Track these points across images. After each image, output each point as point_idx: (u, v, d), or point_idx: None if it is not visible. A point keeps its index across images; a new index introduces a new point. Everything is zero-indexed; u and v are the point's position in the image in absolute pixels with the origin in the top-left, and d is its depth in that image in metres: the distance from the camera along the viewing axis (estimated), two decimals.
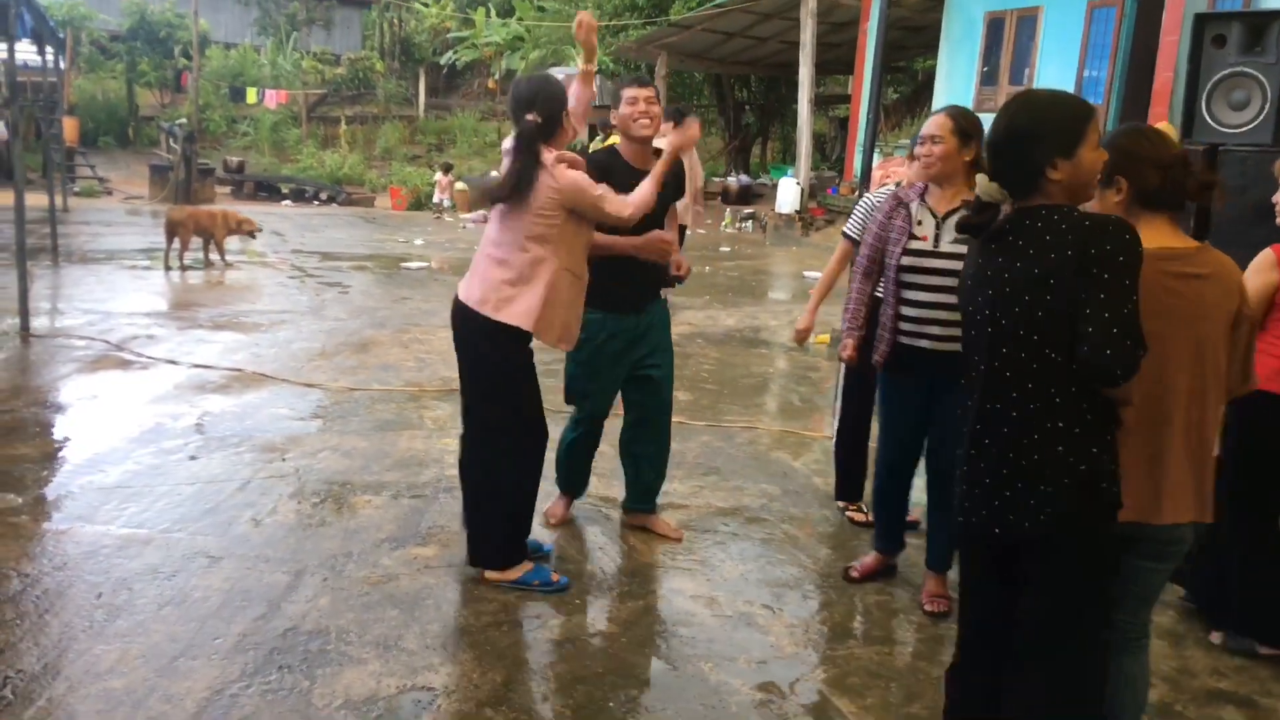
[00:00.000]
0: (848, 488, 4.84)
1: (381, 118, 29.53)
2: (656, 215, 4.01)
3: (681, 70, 24.33)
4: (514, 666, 3.33)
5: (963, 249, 3.38)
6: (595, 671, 3.32)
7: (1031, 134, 2.26)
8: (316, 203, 21.95)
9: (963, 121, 3.61)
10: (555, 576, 3.90)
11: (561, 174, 3.61)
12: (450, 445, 5.50)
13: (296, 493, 4.71)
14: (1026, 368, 2.26)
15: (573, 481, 4.56)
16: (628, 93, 4.09)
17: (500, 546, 3.87)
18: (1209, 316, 2.39)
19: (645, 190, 3.78)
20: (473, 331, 3.75)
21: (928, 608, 3.86)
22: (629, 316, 4.18)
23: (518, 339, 3.71)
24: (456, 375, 3.94)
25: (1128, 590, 2.52)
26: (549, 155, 3.65)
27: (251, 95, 27.13)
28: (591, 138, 14.56)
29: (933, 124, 3.65)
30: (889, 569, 4.16)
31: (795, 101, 19.39)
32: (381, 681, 3.17)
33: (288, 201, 21.82)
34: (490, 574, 3.87)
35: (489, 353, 3.75)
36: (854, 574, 4.13)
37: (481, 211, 19.32)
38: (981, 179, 2.32)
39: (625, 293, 4.12)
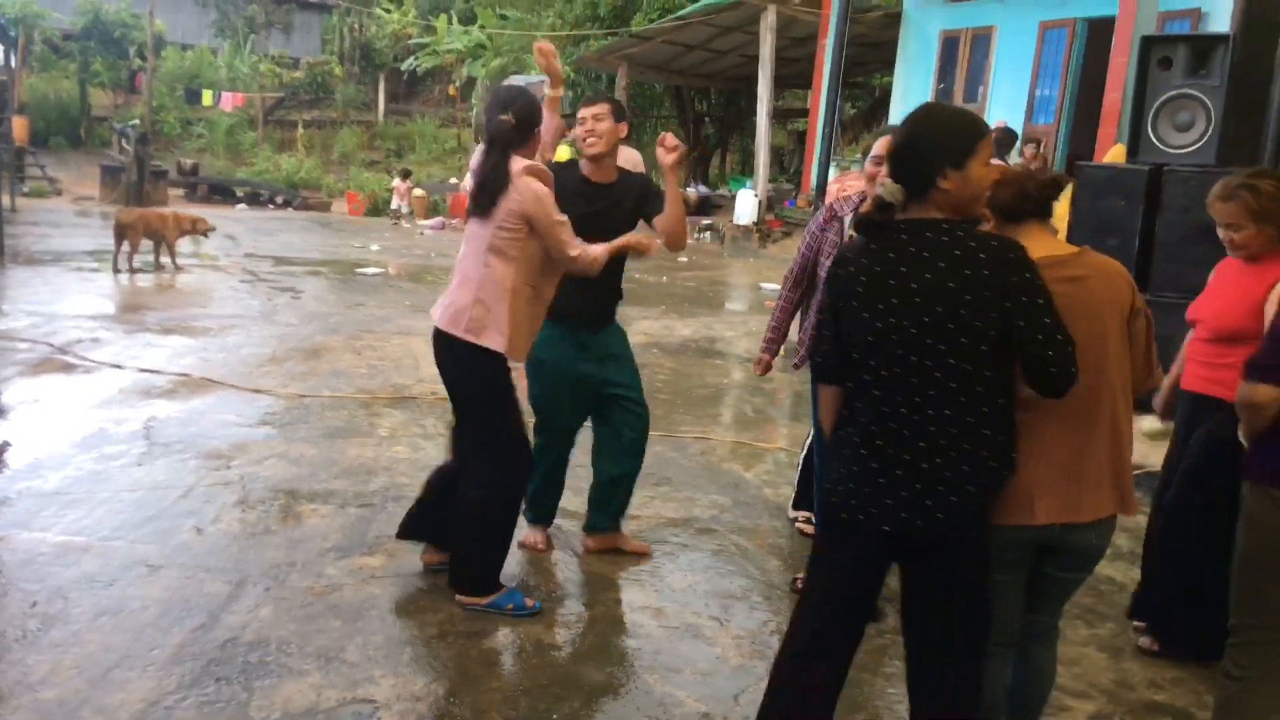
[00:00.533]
0: (808, 498, 4.86)
1: (340, 122, 29.32)
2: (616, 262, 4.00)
3: (642, 81, 24.38)
4: (457, 678, 3.30)
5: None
6: (540, 683, 3.30)
7: (928, 142, 2.40)
8: (272, 207, 21.73)
9: None
10: (529, 601, 3.79)
11: (526, 185, 3.57)
12: (402, 453, 5.47)
13: (241, 501, 4.64)
14: (932, 375, 2.34)
15: (550, 507, 4.46)
16: (579, 112, 4.10)
17: (478, 571, 3.78)
18: (1098, 315, 2.47)
19: (598, 252, 3.69)
20: (451, 356, 3.71)
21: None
22: (583, 333, 4.17)
23: (495, 360, 3.66)
24: (409, 382, 3.89)
25: (1050, 594, 2.66)
26: (518, 164, 3.60)
27: (207, 97, 26.79)
28: None
29: (886, 144, 3.59)
30: None
31: (754, 114, 19.51)
32: (322, 694, 3.13)
33: (242, 205, 21.58)
34: (463, 598, 3.77)
35: (468, 377, 3.71)
36: (801, 585, 4.14)
37: (440, 218, 19.23)
38: (886, 181, 2.45)
39: (577, 306, 4.08)
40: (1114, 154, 10.48)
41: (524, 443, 3.84)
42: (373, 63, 32.16)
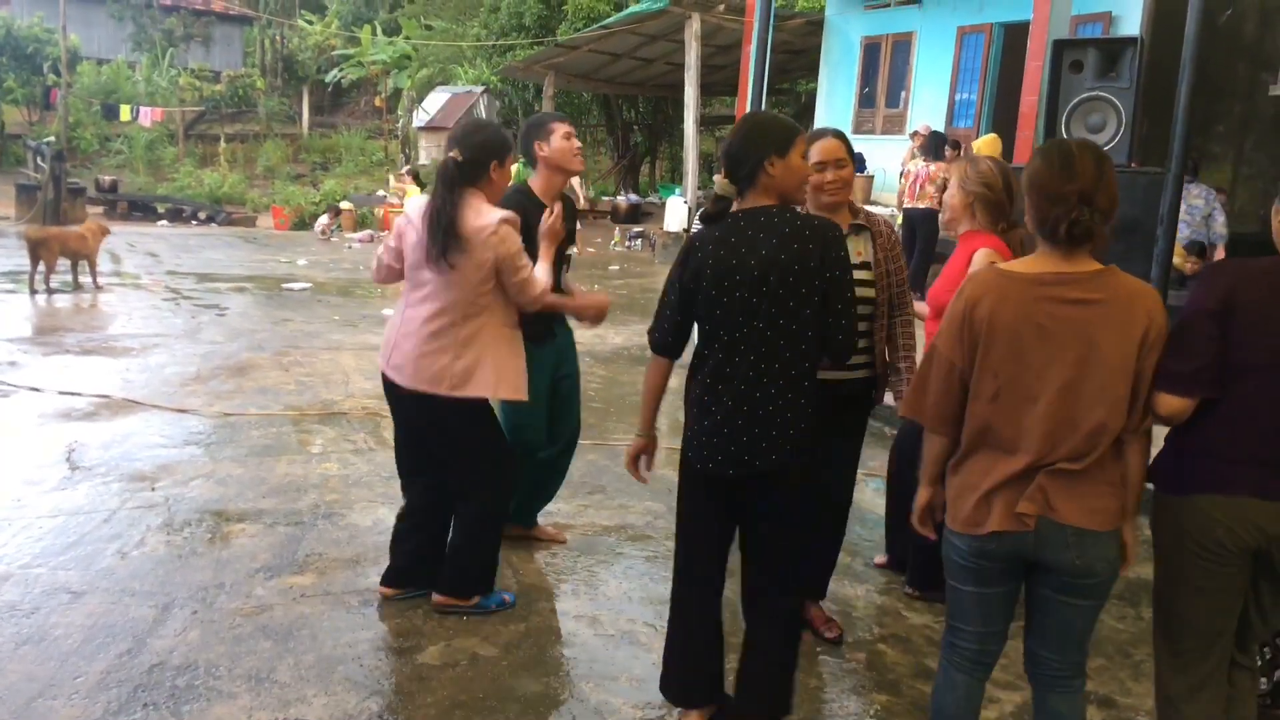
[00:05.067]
0: None
1: (263, 136, 28.87)
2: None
3: (570, 90, 24.40)
4: (391, 694, 3.27)
5: (868, 274, 3.49)
6: (475, 696, 3.29)
7: (757, 137, 2.82)
8: (195, 223, 21.30)
9: (847, 142, 3.56)
10: (506, 597, 3.94)
11: (508, 235, 3.50)
12: (332, 469, 5.40)
13: (166, 523, 4.55)
14: (764, 335, 2.75)
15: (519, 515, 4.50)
16: (563, 127, 4.06)
17: (480, 574, 3.85)
18: (1104, 341, 2.33)
19: (547, 271, 3.72)
20: (431, 413, 3.64)
21: (827, 635, 3.79)
22: (546, 345, 4.17)
23: (481, 402, 3.66)
24: (338, 398, 3.85)
25: (1048, 624, 2.52)
26: (490, 214, 3.50)
27: (125, 113, 26.22)
28: None
29: (830, 149, 3.47)
30: None
31: (683, 122, 19.63)
32: (252, 716, 3.08)
33: (164, 222, 21.12)
34: (445, 599, 3.81)
35: (457, 426, 3.68)
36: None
37: (369, 231, 19.01)
38: (719, 178, 2.87)
39: (539, 323, 4.04)
40: (986, 145, 10.70)
41: (509, 450, 3.85)
42: (296, 75, 31.74)
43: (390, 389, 3.72)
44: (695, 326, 2.93)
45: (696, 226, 4.69)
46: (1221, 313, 2.37)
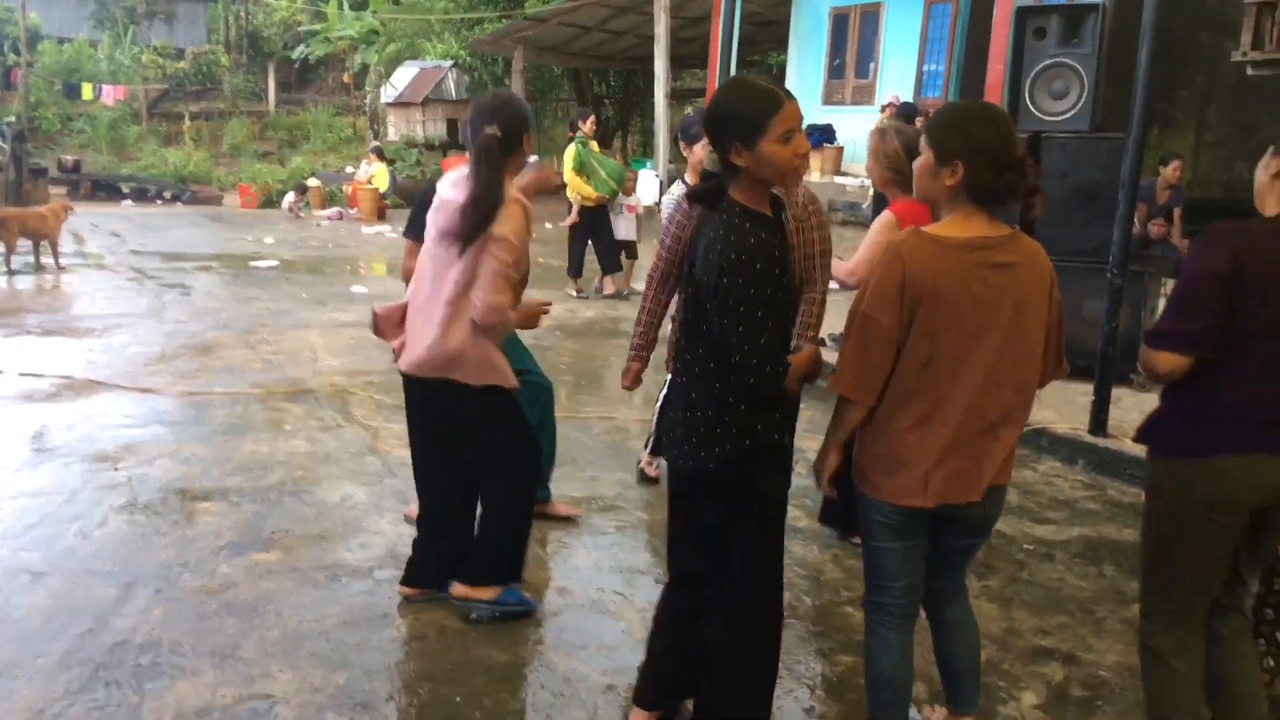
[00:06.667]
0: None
1: (229, 114, 28.39)
2: None
3: (539, 64, 24.20)
4: (358, 668, 3.25)
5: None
6: (443, 668, 3.28)
7: (722, 118, 2.46)
8: (160, 202, 21.00)
9: None
10: (528, 595, 3.71)
11: (515, 211, 3.25)
12: (300, 447, 5.36)
13: (129, 503, 4.50)
14: (704, 337, 2.53)
15: None
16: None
17: (511, 555, 3.63)
18: (1026, 304, 2.40)
19: (514, 317, 3.46)
20: (456, 402, 3.41)
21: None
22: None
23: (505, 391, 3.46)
24: (306, 375, 3.80)
25: (951, 562, 2.70)
26: (512, 189, 3.27)
27: (87, 91, 25.73)
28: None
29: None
30: None
31: (653, 95, 19.52)
32: (217, 692, 3.06)
33: (128, 201, 20.81)
34: (465, 590, 3.58)
35: (482, 416, 3.47)
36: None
37: (337, 209, 18.82)
38: (693, 149, 2.65)
39: None
40: None
41: (532, 431, 3.70)
42: (261, 51, 31.24)
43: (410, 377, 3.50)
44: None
45: (668, 199, 4.67)
46: (1230, 275, 2.36)
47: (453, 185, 3.35)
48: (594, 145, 10.30)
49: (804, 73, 16.68)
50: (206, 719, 2.93)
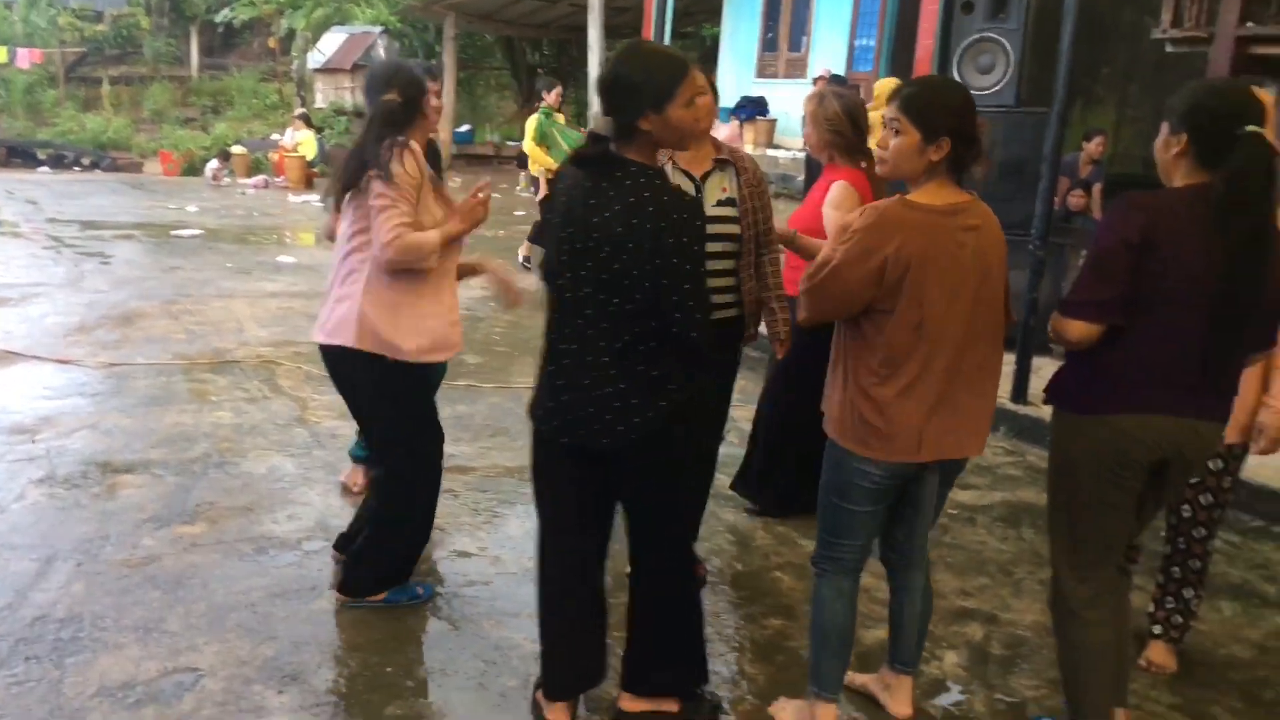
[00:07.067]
0: None
1: (150, 78, 27.56)
2: None
3: (472, 32, 23.85)
4: (286, 640, 3.23)
5: (732, 210, 3.46)
6: (373, 639, 3.27)
7: (630, 84, 2.46)
8: (78, 169, 20.34)
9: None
10: (419, 590, 3.57)
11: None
12: (225, 418, 5.27)
13: (48, 476, 4.39)
14: (601, 307, 2.48)
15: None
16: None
17: (395, 572, 3.50)
18: (991, 262, 2.55)
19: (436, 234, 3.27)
20: (350, 372, 3.32)
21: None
22: None
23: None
24: (231, 346, 3.72)
25: (916, 517, 2.81)
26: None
27: (2, 55, 24.75)
28: None
29: (699, 80, 3.52)
30: None
31: (587, 65, 19.37)
32: (140, 666, 3.02)
33: (45, 168, 20.12)
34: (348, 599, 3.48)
35: (369, 387, 3.35)
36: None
37: (263, 176, 18.41)
38: (597, 116, 2.49)
39: None
40: (886, 88, 10.81)
41: (424, 423, 3.50)
42: (184, 14, 30.28)
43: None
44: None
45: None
46: (1141, 245, 2.43)
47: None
48: (559, 117, 10.24)
49: (738, 45, 16.70)
50: (130, 692, 2.89)
